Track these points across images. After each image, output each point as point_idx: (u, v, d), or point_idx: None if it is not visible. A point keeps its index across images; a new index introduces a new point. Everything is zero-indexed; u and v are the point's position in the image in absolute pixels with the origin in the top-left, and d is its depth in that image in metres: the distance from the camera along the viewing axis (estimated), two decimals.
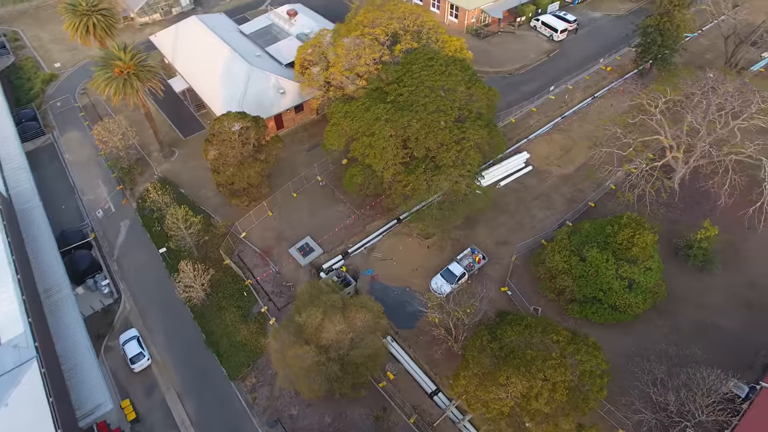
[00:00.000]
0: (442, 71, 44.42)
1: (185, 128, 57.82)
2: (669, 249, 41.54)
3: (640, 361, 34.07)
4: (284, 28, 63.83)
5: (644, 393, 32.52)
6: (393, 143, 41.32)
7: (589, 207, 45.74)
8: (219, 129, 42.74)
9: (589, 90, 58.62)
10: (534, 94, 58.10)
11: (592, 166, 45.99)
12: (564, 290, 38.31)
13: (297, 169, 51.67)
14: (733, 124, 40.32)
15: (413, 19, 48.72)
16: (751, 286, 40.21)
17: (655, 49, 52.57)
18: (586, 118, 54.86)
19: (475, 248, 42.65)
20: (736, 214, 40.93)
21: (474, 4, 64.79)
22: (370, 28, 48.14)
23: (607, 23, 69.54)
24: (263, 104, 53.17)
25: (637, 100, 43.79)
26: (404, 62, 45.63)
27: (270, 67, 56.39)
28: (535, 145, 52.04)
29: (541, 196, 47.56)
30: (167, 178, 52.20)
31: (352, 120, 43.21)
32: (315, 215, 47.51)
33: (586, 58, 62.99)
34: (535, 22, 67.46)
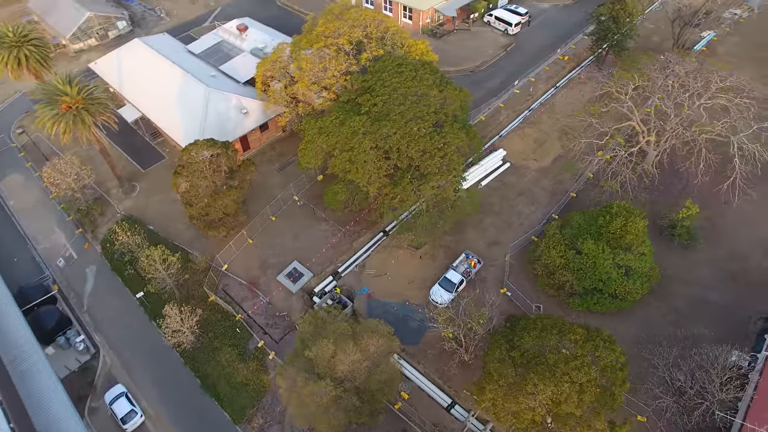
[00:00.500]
0: (412, 76, 43.61)
1: (143, 160, 54.21)
2: (654, 230, 42.50)
3: (653, 347, 34.49)
4: (236, 45, 61.11)
5: (661, 378, 32.96)
6: (374, 156, 40.08)
7: (571, 198, 46.20)
8: (187, 159, 40.06)
9: (551, 80, 59.51)
10: (498, 90, 58.37)
11: (571, 158, 46.53)
12: (564, 285, 38.37)
13: (271, 191, 49.46)
14: (699, 103, 41.65)
15: (375, 26, 47.54)
16: (731, 258, 41.76)
17: (611, 36, 53.85)
18: (553, 109, 55.59)
19: (469, 253, 42.11)
20: (711, 191, 42.42)
21: (428, 5, 64.39)
22: (333, 38, 46.60)
23: (556, 13, 70.95)
24: (226, 127, 50.56)
25: (606, 88, 44.55)
26: (373, 71, 44.48)
27: (228, 86, 53.74)
28: (509, 141, 52.18)
29: (524, 191, 47.67)
30: (132, 215, 48.67)
31: (328, 135, 41.61)
32: (298, 238, 45.56)
33: (543, 49, 63.95)
34: (488, 17, 67.88)
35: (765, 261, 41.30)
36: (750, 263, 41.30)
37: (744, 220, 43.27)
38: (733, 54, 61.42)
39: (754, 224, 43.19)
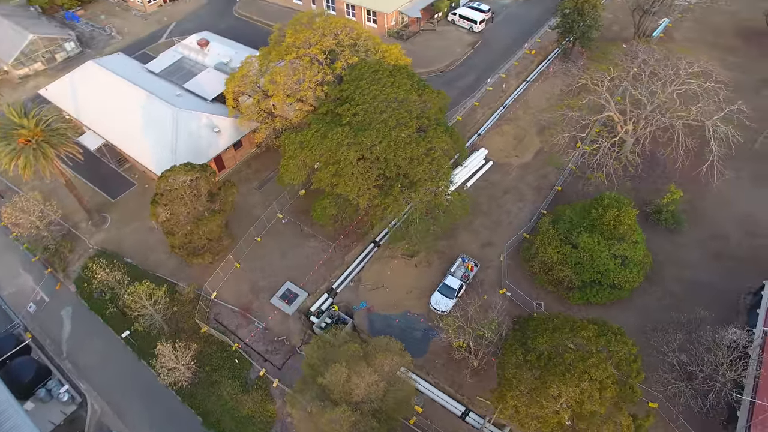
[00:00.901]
0: (390, 82, 42.83)
1: (111, 189, 51.23)
2: (640, 217, 43.00)
3: (659, 334, 34.96)
4: (198, 60, 58.71)
5: (670, 364, 33.44)
6: (362, 167, 39.06)
7: (557, 192, 46.54)
8: (165, 187, 37.92)
9: (522, 75, 60.01)
10: (471, 88, 58.40)
11: (555, 152, 46.88)
12: (562, 280, 38.51)
13: (253, 210, 47.69)
14: (671, 89, 42.68)
15: (347, 33, 46.50)
16: (714, 237, 43.04)
17: (576, 28, 54.69)
18: (528, 104, 56.02)
19: (464, 257, 41.72)
20: (691, 174, 43.56)
21: (392, 7, 63.78)
22: (305, 48, 45.26)
23: (517, 9, 71.73)
24: (199, 148, 48.41)
25: (583, 81, 45.10)
26: (350, 79, 43.41)
27: (196, 105, 51.49)
28: (489, 140, 52.19)
29: (509, 189, 47.72)
30: (106, 249, 45.88)
31: (311, 149, 40.28)
32: (287, 257, 44.03)
33: (509, 45, 64.48)
34: (452, 16, 67.89)
35: (745, 238, 42.73)
36: (731, 241, 42.67)
37: (722, 200, 44.70)
38: (689, 39, 63.67)
39: (731, 203, 44.68)
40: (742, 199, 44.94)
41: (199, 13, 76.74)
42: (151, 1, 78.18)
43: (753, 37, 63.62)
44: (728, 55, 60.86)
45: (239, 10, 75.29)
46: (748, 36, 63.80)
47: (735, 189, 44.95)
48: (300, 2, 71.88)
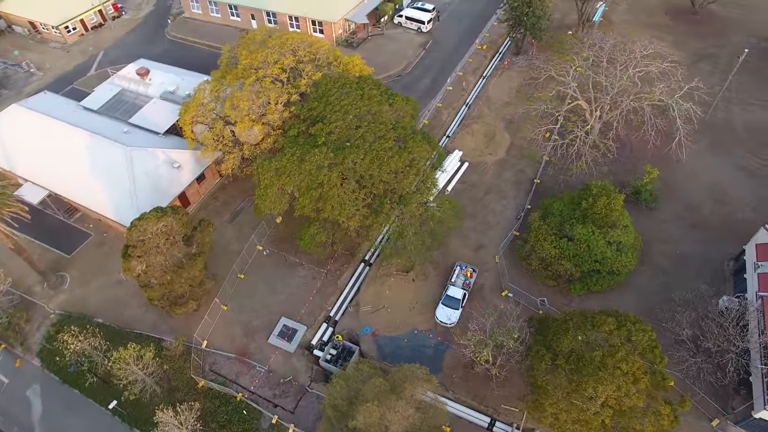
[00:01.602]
0: (360, 95, 41.34)
1: (65, 243, 46.37)
2: None
3: (665, 314, 35.65)
4: (140, 92, 54.36)
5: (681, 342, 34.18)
6: (348, 188, 37.32)
7: (536, 185, 46.77)
8: (137, 238, 34.46)
9: (478, 71, 60.15)
10: (431, 90, 57.86)
11: (534, 147, 47.08)
12: (562, 273, 38.60)
13: (229, 246, 44.67)
14: (631, 72, 43.86)
15: (305, 48, 44.41)
16: (689, 209, 44.79)
17: (526, 19, 55.34)
18: (490, 100, 56.14)
19: (461, 264, 40.96)
20: (661, 153, 44.99)
21: (338, 15, 61.99)
22: (264, 69, 42.79)
23: (459, 5, 71.98)
24: (160, 187, 44.77)
25: (548, 73, 45.51)
26: (317, 96, 41.48)
27: (148, 141, 47.58)
28: (460, 141, 51.77)
29: (490, 188, 47.49)
30: (71, 312, 41.42)
31: (289, 175, 38.08)
32: (276, 290, 41.52)
33: (460, 42, 64.52)
34: (398, 18, 67.04)
35: (715, 206, 44.76)
36: (704, 210, 44.57)
37: (689, 172, 46.60)
38: (626, 21, 66.32)
39: (699, 174, 46.68)
40: (706, 169, 47.08)
41: (127, 40, 71.52)
42: (71, 31, 71.95)
43: (680, 15, 67.16)
44: (663, 34, 63.80)
45: (172, 33, 70.80)
46: (676, 14, 67.28)
47: (699, 161, 47.04)
48: (238, 18, 68.53)
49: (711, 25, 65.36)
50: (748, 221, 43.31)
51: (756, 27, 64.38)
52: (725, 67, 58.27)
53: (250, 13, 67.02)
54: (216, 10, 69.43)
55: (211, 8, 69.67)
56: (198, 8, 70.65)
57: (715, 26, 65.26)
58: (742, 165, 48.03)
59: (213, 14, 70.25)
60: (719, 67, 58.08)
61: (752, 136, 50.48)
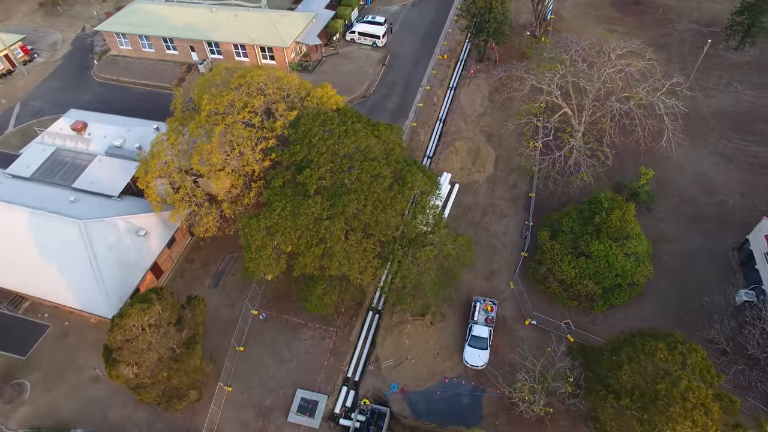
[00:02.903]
0: (344, 131, 37.82)
1: (16, 342, 39.42)
2: None
3: (700, 324, 34.87)
4: (80, 149, 47.66)
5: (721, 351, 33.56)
6: (354, 240, 33.77)
7: (532, 197, 45.21)
8: (124, 338, 29.20)
9: (444, 82, 58.04)
10: (400, 109, 55.07)
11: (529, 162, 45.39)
12: (584, 293, 37.16)
13: (218, 315, 39.76)
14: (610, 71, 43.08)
15: (273, 85, 40.17)
16: (683, 203, 44.94)
17: (488, 26, 53.74)
18: (464, 112, 54.11)
19: (479, 298, 38.52)
20: (653, 150, 44.64)
21: (289, 40, 57.65)
22: (232, 114, 38.21)
23: (409, 14, 69.56)
24: (127, 262, 39.11)
25: (530, 83, 43.95)
26: (298, 138, 37.52)
27: (103, 208, 41.55)
28: (444, 161, 49.31)
29: (486, 208, 45.40)
30: (39, 427, 35.06)
31: (284, 234, 34.00)
32: (284, 360, 37.27)
33: (418, 53, 62.15)
34: (350, 35, 63.60)
35: (706, 197, 45.20)
36: (698, 202, 44.88)
37: (676, 166, 46.68)
38: (576, 16, 66.68)
39: (684, 166, 46.98)
40: (688, 160, 47.49)
41: (48, 87, 63.32)
42: None
43: (624, 6, 68.43)
44: (615, 26, 64.74)
45: (101, 74, 63.40)
46: (620, 6, 68.42)
47: (679, 152, 47.12)
48: (176, 52, 62.39)
49: (654, 14, 66.99)
50: (740, 208, 44.07)
51: (691, 13, 66.72)
52: (680, 56, 59.72)
53: (189, 45, 61.17)
54: (148, 44, 62.86)
55: (143, 43, 63.00)
56: (127, 44, 63.69)
57: (657, 14, 66.93)
58: (719, 151, 48.97)
59: (145, 49, 63.60)
60: (674, 56, 59.32)
61: (720, 121, 51.68)
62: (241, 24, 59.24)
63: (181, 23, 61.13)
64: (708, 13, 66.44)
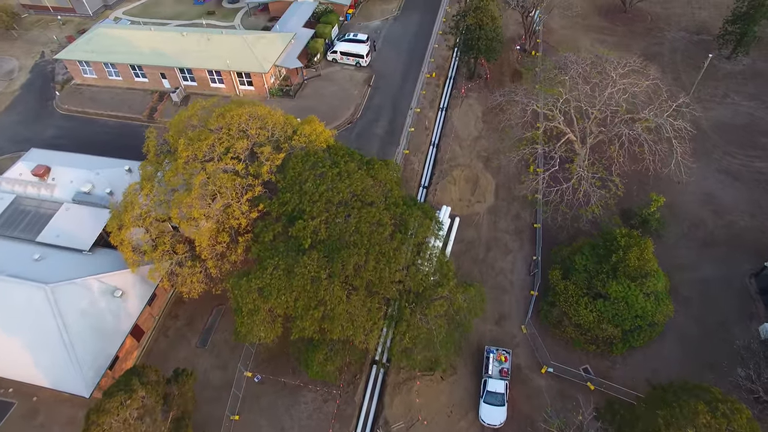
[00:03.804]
0: (337, 173, 34.76)
1: None
2: None
3: (743, 372, 32.66)
4: (43, 196, 43.40)
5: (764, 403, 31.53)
6: (358, 300, 30.63)
7: (537, 229, 42.75)
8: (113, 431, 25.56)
9: (435, 103, 55.26)
10: (391, 134, 52.07)
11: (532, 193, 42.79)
12: (603, 338, 34.82)
13: (208, 378, 36.22)
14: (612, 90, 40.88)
15: (256, 125, 36.74)
16: (693, 226, 43.06)
17: (480, 43, 51.10)
18: (459, 136, 51.34)
19: (491, 348, 35.78)
20: (662, 174, 42.52)
21: (267, 65, 54.00)
22: (215, 161, 34.68)
23: (391, 30, 66.58)
24: (104, 327, 35.32)
25: (531, 108, 41.45)
26: (288, 185, 34.30)
27: (72, 266, 37.54)
28: (442, 192, 46.45)
29: (490, 243, 42.75)
30: None
31: (279, 296, 30.69)
32: (284, 428, 33.90)
33: (405, 72, 59.26)
34: (332, 54, 60.22)
35: (716, 219, 43.41)
36: (708, 225, 43.03)
37: (682, 186, 44.80)
38: (564, 26, 64.64)
39: (690, 186, 45.02)
40: (695, 178, 45.51)
41: (5, 122, 58.33)
42: None
43: (612, 15, 66.76)
44: (606, 36, 63.00)
45: (64, 105, 58.71)
46: (608, 14, 66.75)
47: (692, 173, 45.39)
48: (146, 80, 58.13)
49: (643, 22, 65.44)
50: (751, 229, 42.46)
51: (679, 21, 65.39)
52: (672, 66, 58.17)
53: (160, 72, 57.01)
54: (115, 72, 58.44)
55: (109, 71, 58.55)
56: (91, 72, 59.13)
57: (646, 23, 65.40)
58: (724, 168, 47.33)
59: (112, 77, 59.14)
60: (668, 67, 57.71)
61: (721, 135, 50.11)
62: (215, 48, 55.40)
63: (149, 49, 56.92)
64: (695, 20, 65.20)
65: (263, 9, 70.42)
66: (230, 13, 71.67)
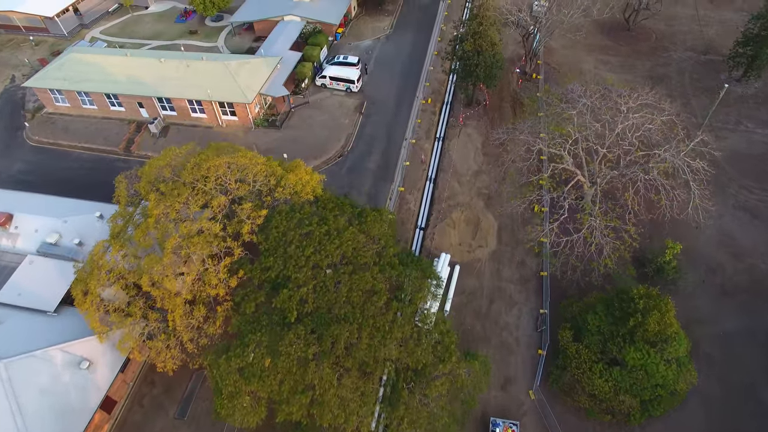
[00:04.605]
0: (326, 232, 31.39)
1: None
2: (641, 279, 38.22)
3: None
4: (4, 247, 39.84)
5: None
6: (351, 382, 27.30)
7: (545, 277, 39.56)
8: None
9: (431, 133, 51.93)
10: (384, 168, 48.60)
11: (538, 245, 39.59)
12: (620, 408, 31.70)
13: None
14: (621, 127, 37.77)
15: (235, 174, 33.27)
16: (711, 271, 40.07)
17: (479, 70, 47.77)
18: (457, 170, 48.01)
19: (497, 421, 32.54)
20: (679, 218, 39.35)
21: (251, 94, 50.42)
22: (188, 220, 31.19)
23: (383, 50, 63.13)
24: (67, 407, 31.84)
25: (537, 147, 38.27)
26: (270, 247, 30.91)
27: (33, 332, 33.94)
28: (440, 236, 43.09)
29: (493, 294, 39.49)
30: None
31: (261, 378, 27.37)
32: None
33: (399, 95, 55.88)
34: (321, 79, 56.69)
35: (735, 262, 40.45)
36: (727, 270, 40.06)
37: (702, 228, 41.63)
38: (566, 46, 61.45)
39: (708, 226, 41.72)
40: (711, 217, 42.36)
41: None
42: None
43: (615, 33, 63.61)
44: (609, 57, 59.97)
45: (35, 136, 54.82)
46: (611, 32, 63.61)
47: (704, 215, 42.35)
48: (122, 109, 54.42)
49: (647, 41, 62.40)
50: None
51: (684, 39, 62.37)
52: (681, 89, 55.20)
53: (137, 102, 53.31)
54: (89, 101, 54.69)
55: (83, 99, 54.78)
56: (64, 101, 55.33)
57: (650, 41, 62.37)
58: (741, 204, 44.36)
59: (86, 106, 55.37)
60: (675, 91, 54.71)
61: (736, 167, 47.13)
62: (195, 76, 51.75)
63: (125, 76, 53.18)
64: (701, 39, 62.21)
65: (248, 28, 66.78)
66: (213, 33, 67.95)
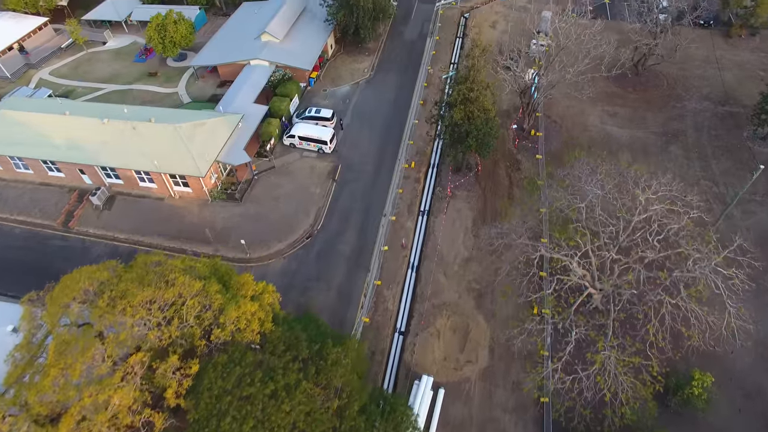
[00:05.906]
0: (271, 394, 24.80)
1: None
2: (664, 415, 31.60)
3: None
4: None
5: None
6: None
7: (546, 407, 32.85)
8: None
9: (413, 208, 45.04)
10: (358, 254, 41.79)
11: (537, 388, 32.80)
12: None
13: None
14: (634, 228, 31.27)
15: (159, 312, 26.33)
16: (748, 398, 33.25)
17: (470, 139, 40.99)
18: (443, 258, 41.13)
19: None
20: (708, 342, 32.63)
21: (204, 167, 43.39)
22: (97, 385, 24.32)
23: (363, 95, 56.39)
24: None
25: (538, 252, 31.61)
26: (201, 418, 24.03)
27: None
28: (422, 349, 36.20)
29: (484, 426, 32.65)
30: None
31: None
32: None
33: (379, 159, 49.13)
34: (288, 139, 49.74)
35: None
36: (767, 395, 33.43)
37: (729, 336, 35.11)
38: (570, 95, 53.65)
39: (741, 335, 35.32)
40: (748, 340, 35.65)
41: None
42: None
43: (624, 80, 56.58)
44: (617, 107, 53.42)
45: None
46: (618, 80, 56.38)
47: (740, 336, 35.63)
48: (61, 174, 47.38)
49: (658, 88, 55.79)
50: None
51: (700, 86, 55.66)
52: (699, 149, 48.63)
53: (78, 168, 46.33)
54: (24, 165, 47.67)
55: (16, 163, 47.83)
56: None
57: (661, 88, 55.75)
58: None
59: (20, 170, 48.37)
60: (692, 151, 48.18)
61: None
62: (142, 141, 44.73)
63: (63, 139, 46.16)
64: (717, 84, 55.54)
65: (212, 70, 59.79)
66: (175, 75, 60.91)
